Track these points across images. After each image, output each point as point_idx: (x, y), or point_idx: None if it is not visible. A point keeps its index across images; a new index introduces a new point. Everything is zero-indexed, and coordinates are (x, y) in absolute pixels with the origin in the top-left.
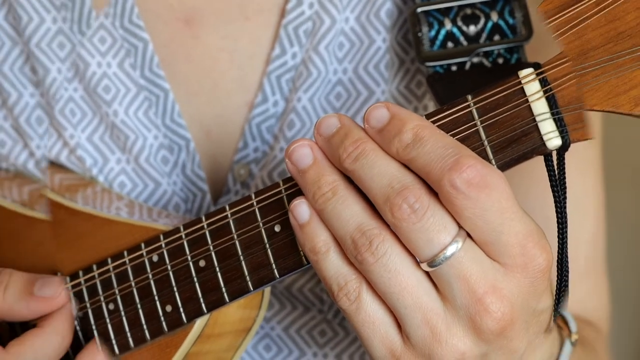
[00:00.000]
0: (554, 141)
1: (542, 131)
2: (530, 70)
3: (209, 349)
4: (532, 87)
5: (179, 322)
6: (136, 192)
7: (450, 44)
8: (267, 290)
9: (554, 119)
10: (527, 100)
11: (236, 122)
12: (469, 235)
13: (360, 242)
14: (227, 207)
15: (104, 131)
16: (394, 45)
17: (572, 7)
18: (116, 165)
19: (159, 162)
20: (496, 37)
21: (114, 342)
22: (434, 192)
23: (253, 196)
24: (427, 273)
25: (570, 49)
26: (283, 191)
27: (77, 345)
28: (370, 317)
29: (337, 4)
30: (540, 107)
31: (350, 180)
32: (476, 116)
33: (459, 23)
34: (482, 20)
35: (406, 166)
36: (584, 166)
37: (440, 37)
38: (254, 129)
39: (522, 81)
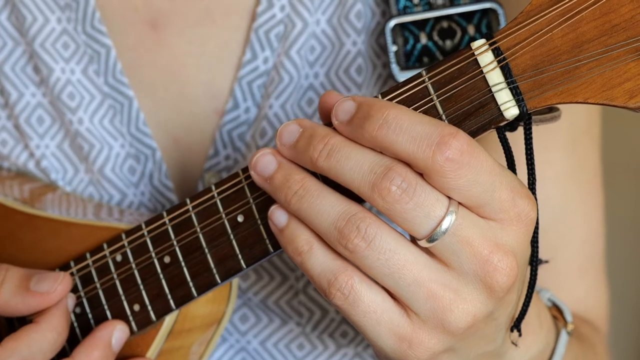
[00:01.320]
0: (511, 110)
1: (499, 101)
2: (483, 41)
3: (181, 344)
4: (486, 58)
5: (147, 321)
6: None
7: (425, 59)
8: (235, 282)
9: (510, 89)
10: (481, 72)
11: (205, 129)
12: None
13: (347, 229)
14: (188, 201)
15: (62, 140)
16: (366, 49)
17: (566, 1)
18: (84, 175)
19: (126, 172)
20: None
21: None
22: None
23: (213, 188)
24: (422, 248)
25: (565, 42)
26: (243, 180)
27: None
28: (370, 306)
29: (309, 5)
30: (495, 77)
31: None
32: (432, 91)
33: (435, 38)
34: (459, 35)
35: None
36: (580, 166)
37: (416, 52)
38: (225, 136)
39: (475, 52)
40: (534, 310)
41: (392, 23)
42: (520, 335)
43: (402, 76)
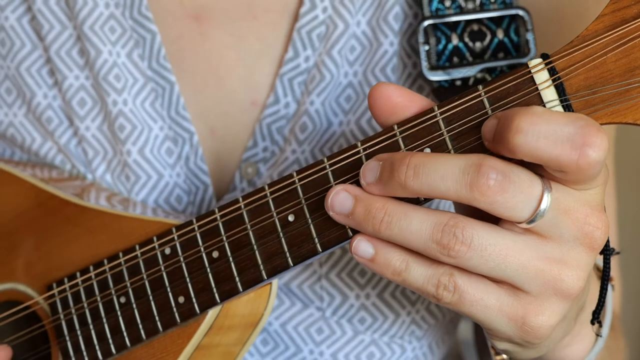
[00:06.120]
0: None
1: None
2: (539, 60)
3: (219, 341)
4: (542, 76)
5: (191, 313)
6: (140, 184)
7: (455, 59)
8: (275, 285)
9: (563, 106)
10: (536, 89)
11: (243, 120)
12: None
13: (446, 239)
14: (241, 199)
15: (102, 122)
16: (400, 49)
17: (621, 27)
18: (119, 156)
19: (164, 153)
20: (500, 55)
21: (125, 334)
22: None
23: (266, 187)
24: (518, 229)
25: (618, 66)
26: (297, 181)
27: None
28: (475, 294)
29: (350, 8)
30: (549, 94)
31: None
32: (487, 105)
33: (466, 39)
34: (488, 37)
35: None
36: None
37: (447, 52)
38: (264, 129)
39: (532, 70)
40: None
41: (426, 23)
42: (601, 326)
43: (431, 75)
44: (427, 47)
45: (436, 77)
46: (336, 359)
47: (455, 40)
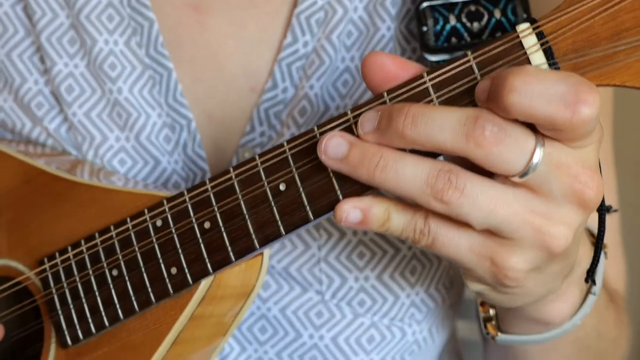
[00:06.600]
0: None
1: None
2: (527, 24)
3: (211, 311)
4: (530, 41)
5: (184, 284)
6: (135, 170)
7: (454, 40)
8: (267, 256)
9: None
10: (525, 53)
11: (241, 106)
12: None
13: (440, 184)
14: (231, 169)
15: (103, 109)
16: (397, 34)
17: None
18: (115, 142)
19: (162, 140)
20: (498, 34)
21: (117, 306)
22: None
23: (257, 157)
24: (506, 182)
25: (605, 29)
26: (287, 151)
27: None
28: (447, 235)
29: None
30: (538, 58)
31: None
32: (476, 70)
33: (463, 19)
34: (486, 17)
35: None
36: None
37: (445, 32)
38: (262, 114)
39: (520, 35)
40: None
41: (424, 4)
42: (595, 284)
43: (430, 56)
44: (425, 29)
45: (437, 58)
46: (336, 343)
47: (452, 21)
